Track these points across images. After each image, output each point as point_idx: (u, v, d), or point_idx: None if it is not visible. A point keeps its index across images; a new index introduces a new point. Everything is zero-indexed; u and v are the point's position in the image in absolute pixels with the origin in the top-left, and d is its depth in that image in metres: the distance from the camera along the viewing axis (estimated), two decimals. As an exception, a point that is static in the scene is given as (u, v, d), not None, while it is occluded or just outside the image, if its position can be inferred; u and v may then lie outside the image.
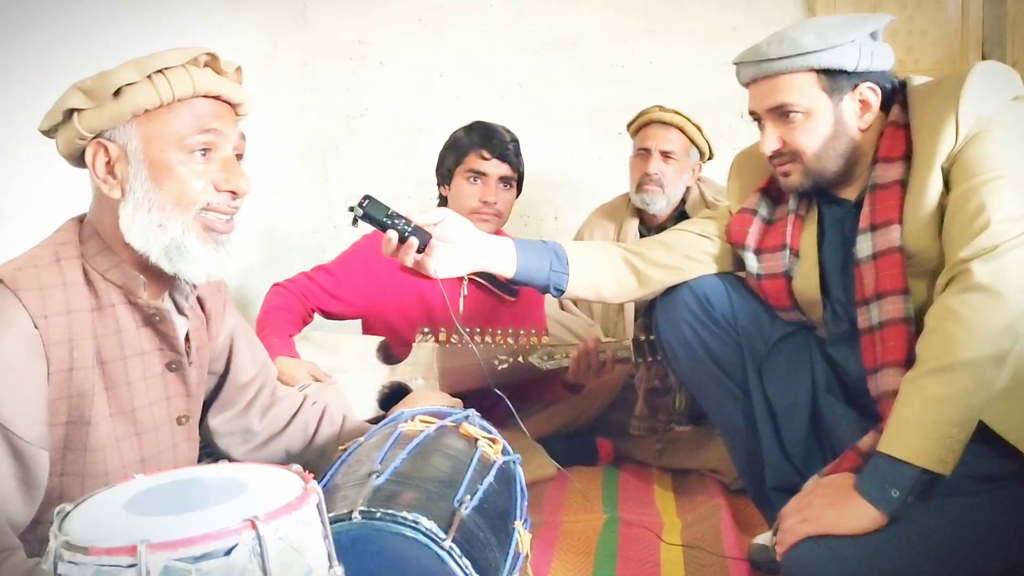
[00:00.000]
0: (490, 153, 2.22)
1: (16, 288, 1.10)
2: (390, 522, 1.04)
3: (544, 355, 2.04)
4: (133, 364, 1.22)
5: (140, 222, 1.16)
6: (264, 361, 1.54)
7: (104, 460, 1.18)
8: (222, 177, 1.20)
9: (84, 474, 1.17)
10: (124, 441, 1.21)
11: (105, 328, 1.18)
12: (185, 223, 1.18)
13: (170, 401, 1.28)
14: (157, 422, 1.26)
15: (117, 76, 1.12)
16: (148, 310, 1.22)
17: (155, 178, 1.16)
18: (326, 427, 1.58)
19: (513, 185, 2.27)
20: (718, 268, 1.70)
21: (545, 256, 1.61)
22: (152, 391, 1.25)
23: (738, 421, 1.68)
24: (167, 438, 1.28)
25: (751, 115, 1.57)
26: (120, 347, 1.20)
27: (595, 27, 3.16)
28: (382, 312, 2.26)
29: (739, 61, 1.55)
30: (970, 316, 1.26)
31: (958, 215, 1.35)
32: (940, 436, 1.24)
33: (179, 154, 1.17)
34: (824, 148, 1.50)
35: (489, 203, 2.21)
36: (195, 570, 0.71)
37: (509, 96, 3.21)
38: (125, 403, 1.21)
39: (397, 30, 3.23)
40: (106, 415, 1.18)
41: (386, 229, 1.45)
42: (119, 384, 1.20)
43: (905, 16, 2.96)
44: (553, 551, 1.70)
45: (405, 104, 3.26)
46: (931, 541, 1.28)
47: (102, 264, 1.19)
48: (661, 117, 2.47)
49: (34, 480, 1.11)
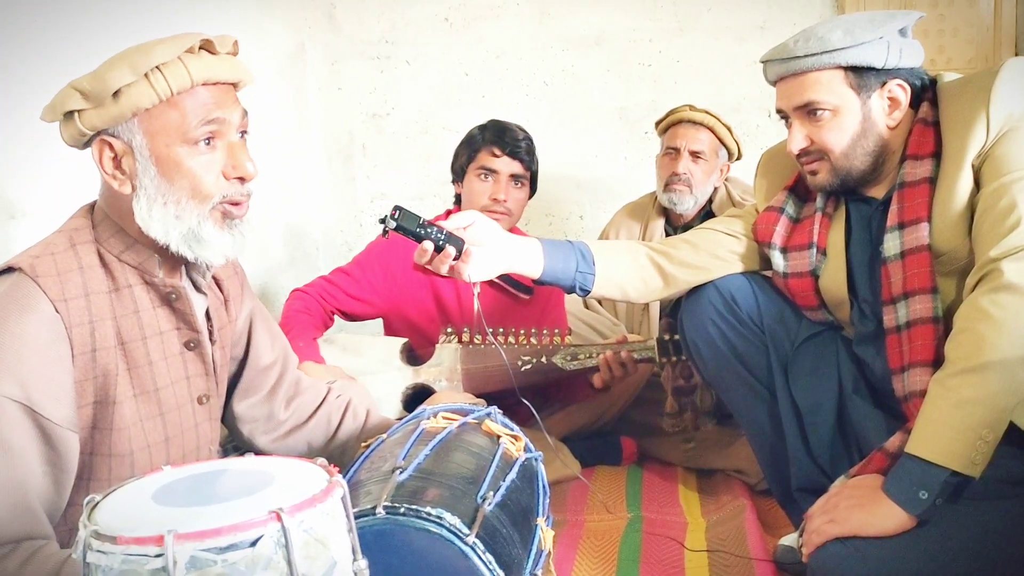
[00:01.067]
0: (501, 150, 2.21)
1: (35, 275, 1.11)
2: (414, 517, 1.05)
3: (568, 355, 2.03)
4: (153, 344, 1.23)
5: (157, 215, 1.17)
6: (284, 347, 1.55)
7: (129, 439, 1.19)
8: (229, 165, 1.20)
9: (111, 453, 1.18)
10: (148, 421, 1.22)
11: (123, 309, 1.19)
12: (201, 214, 1.19)
13: (190, 381, 1.29)
14: (179, 402, 1.27)
15: (113, 78, 1.12)
16: (164, 289, 1.23)
17: (164, 173, 1.16)
18: (349, 422, 1.59)
19: (525, 184, 2.26)
20: (744, 267, 1.69)
21: (572, 256, 1.61)
22: (173, 371, 1.26)
23: (763, 421, 1.67)
24: (189, 418, 1.29)
25: (778, 113, 1.56)
26: (139, 327, 1.21)
27: (622, 26, 3.15)
28: (401, 310, 2.27)
29: (766, 59, 1.54)
30: (1001, 316, 1.24)
31: (988, 213, 1.33)
32: (970, 438, 1.22)
33: (185, 147, 1.17)
34: (852, 146, 1.48)
35: (499, 201, 2.20)
36: (221, 561, 0.72)
37: (535, 95, 3.21)
38: (148, 383, 1.22)
39: (424, 29, 3.24)
40: (130, 395, 1.20)
41: (421, 240, 1.43)
42: (141, 364, 1.21)
43: (937, 14, 2.92)
44: (576, 550, 1.70)
45: (431, 103, 3.27)
46: (959, 545, 1.26)
47: (116, 247, 1.20)
48: (692, 116, 2.46)
49: (64, 463, 1.12)
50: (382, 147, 3.33)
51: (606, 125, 3.20)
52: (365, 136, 3.33)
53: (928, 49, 1.53)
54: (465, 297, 2.25)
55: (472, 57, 3.23)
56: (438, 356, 2.10)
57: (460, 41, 3.23)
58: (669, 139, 2.50)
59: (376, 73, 3.29)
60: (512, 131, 2.26)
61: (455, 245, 1.45)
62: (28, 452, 1.08)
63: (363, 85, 3.30)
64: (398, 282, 2.25)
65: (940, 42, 2.93)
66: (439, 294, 2.26)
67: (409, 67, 3.27)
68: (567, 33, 3.18)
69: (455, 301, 2.27)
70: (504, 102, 3.18)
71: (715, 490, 2.04)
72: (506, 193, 2.21)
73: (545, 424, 2.18)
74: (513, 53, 3.21)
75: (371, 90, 3.30)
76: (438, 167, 3.23)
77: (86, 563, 0.74)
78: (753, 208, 1.74)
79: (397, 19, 3.24)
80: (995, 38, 2.90)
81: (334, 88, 3.30)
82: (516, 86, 3.22)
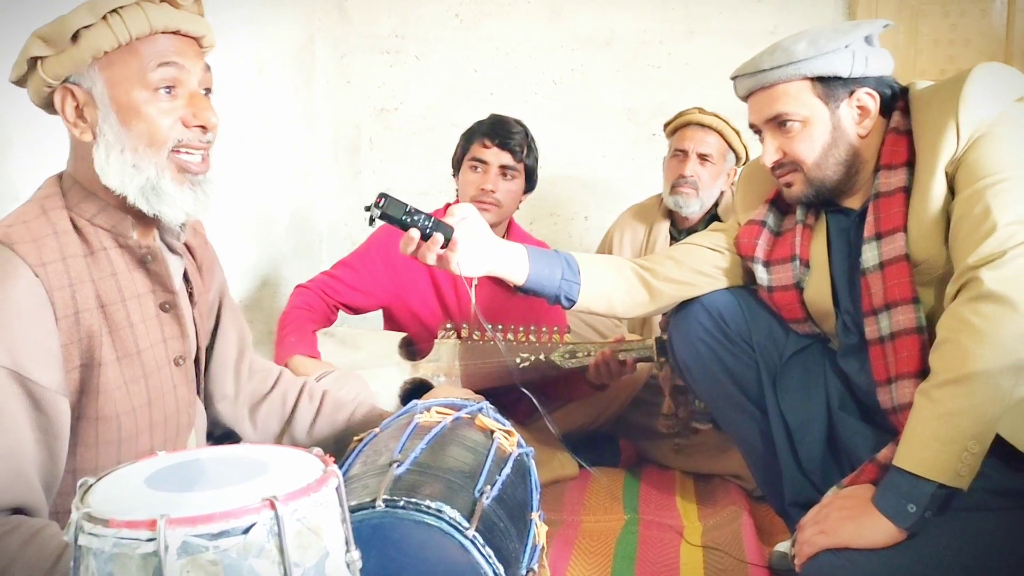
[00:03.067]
0: (491, 141, 2.23)
1: (11, 243, 1.11)
2: (413, 511, 1.05)
3: (566, 353, 2.03)
4: (132, 306, 1.22)
5: (114, 163, 1.17)
6: (243, 326, 1.55)
7: (115, 402, 1.19)
8: (190, 112, 1.20)
9: (97, 417, 1.18)
10: (132, 384, 1.22)
11: (100, 272, 1.19)
12: (158, 164, 1.18)
13: (167, 343, 1.28)
14: (159, 364, 1.26)
15: (72, 20, 1.13)
16: (139, 250, 1.23)
17: (124, 120, 1.17)
18: (305, 403, 1.58)
19: (516, 177, 2.26)
20: (729, 282, 1.69)
21: (557, 264, 1.59)
22: (151, 333, 1.25)
23: (755, 439, 1.67)
24: (168, 380, 1.28)
25: (751, 128, 1.56)
26: (118, 289, 1.21)
27: (632, 27, 3.14)
28: (403, 300, 2.28)
29: (736, 75, 1.55)
30: (983, 326, 1.23)
31: (964, 220, 1.33)
32: (956, 450, 1.22)
33: (144, 93, 1.17)
34: (823, 156, 1.48)
35: (486, 191, 2.21)
36: (212, 547, 0.72)
37: (543, 94, 3.21)
38: (130, 345, 1.22)
39: (434, 25, 3.24)
40: (113, 358, 1.19)
41: (407, 227, 1.42)
42: (122, 327, 1.21)
43: (948, 24, 2.90)
44: (572, 550, 1.70)
45: (439, 99, 3.27)
46: (949, 556, 1.26)
47: (88, 210, 1.20)
48: (700, 119, 2.45)
49: (56, 429, 1.12)
50: (389, 142, 3.33)
51: (614, 126, 3.20)
52: (372, 130, 3.33)
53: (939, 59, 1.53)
54: (462, 289, 2.27)
55: (481, 54, 3.23)
56: (436, 352, 2.09)
57: (470, 37, 3.23)
58: (677, 141, 2.50)
59: (385, 68, 3.29)
60: (506, 123, 2.27)
61: (443, 233, 1.43)
62: (19, 418, 1.08)
63: (372, 79, 3.30)
64: (399, 271, 2.26)
65: (951, 52, 2.91)
66: (437, 284, 2.27)
67: (418, 62, 3.27)
68: (577, 32, 3.18)
69: (452, 293, 2.27)
70: (512, 100, 3.18)
71: (712, 494, 2.04)
72: (494, 184, 2.21)
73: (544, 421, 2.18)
74: (522, 51, 3.21)
75: (380, 84, 3.30)
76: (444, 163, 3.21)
77: (78, 545, 0.73)
78: (736, 221, 1.73)
79: (407, 14, 3.25)
80: (1007, 48, 2.88)
81: (343, 82, 3.31)
82: (525, 84, 3.22)
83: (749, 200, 1.72)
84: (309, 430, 1.56)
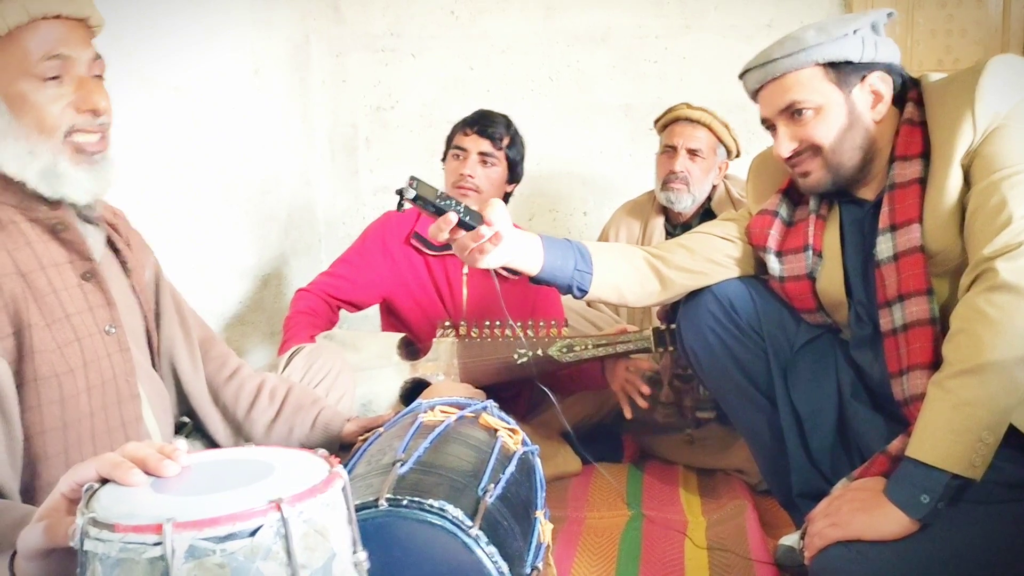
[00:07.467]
0: (471, 129, 2.27)
1: None
2: (416, 510, 1.05)
3: (564, 347, 2.02)
4: (52, 274, 1.21)
5: (10, 151, 1.16)
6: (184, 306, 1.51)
7: (51, 364, 1.17)
8: (79, 97, 1.18)
9: (36, 378, 1.15)
10: (66, 347, 1.19)
11: (14, 243, 1.18)
12: (53, 148, 1.17)
13: (94, 312, 1.26)
14: (89, 331, 1.24)
15: None
16: (50, 221, 1.22)
17: (13, 109, 1.16)
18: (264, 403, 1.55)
19: (496, 163, 2.28)
20: (741, 271, 1.68)
21: (570, 255, 1.59)
22: (76, 301, 1.23)
23: (763, 429, 1.66)
24: (101, 347, 1.25)
25: (763, 123, 1.56)
26: (35, 257, 1.19)
27: (628, 22, 3.14)
28: (403, 286, 2.29)
29: (746, 68, 1.54)
30: (997, 316, 1.23)
31: (980, 212, 1.33)
32: (970, 440, 1.22)
33: (30, 83, 1.15)
34: (840, 140, 1.48)
35: (464, 176, 2.24)
36: (219, 550, 0.71)
37: (540, 90, 3.21)
38: (57, 311, 1.20)
39: (429, 22, 3.23)
40: (43, 324, 1.17)
41: (441, 212, 1.37)
42: (45, 292, 1.19)
43: (945, 15, 2.90)
44: (576, 547, 1.70)
45: (436, 97, 3.26)
46: (961, 548, 1.25)
47: None
48: (688, 115, 2.45)
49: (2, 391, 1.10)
50: (386, 140, 3.32)
51: (611, 121, 3.19)
52: (369, 129, 3.32)
53: (935, 49, 1.53)
54: (454, 280, 2.27)
55: (477, 51, 3.22)
56: (435, 351, 2.09)
57: (465, 35, 3.22)
58: (667, 137, 2.50)
59: (381, 66, 3.28)
60: (488, 114, 2.31)
61: (476, 221, 1.40)
62: None
63: (368, 78, 3.29)
64: (395, 259, 2.28)
65: (948, 42, 2.91)
66: (433, 273, 2.27)
67: (414, 60, 3.27)
68: (573, 29, 3.17)
69: (445, 283, 2.28)
70: (509, 97, 3.17)
71: (716, 489, 2.04)
72: (472, 170, 2.25)
73: (545, 417, 2.18)
74: (518, 48, 3.20)
75: (376, 83, 3.29)
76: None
77: (83, 551, 0.73)
78: (747, 211, 1.73)
79: (402, 12, 3.24)
80: (1004, 39, 2.87)
81: (339, 80, 3.30)
82: (521, 81, 3.21)
83: (760, 190, 1.71)
84: (267, 431, 1.54)
